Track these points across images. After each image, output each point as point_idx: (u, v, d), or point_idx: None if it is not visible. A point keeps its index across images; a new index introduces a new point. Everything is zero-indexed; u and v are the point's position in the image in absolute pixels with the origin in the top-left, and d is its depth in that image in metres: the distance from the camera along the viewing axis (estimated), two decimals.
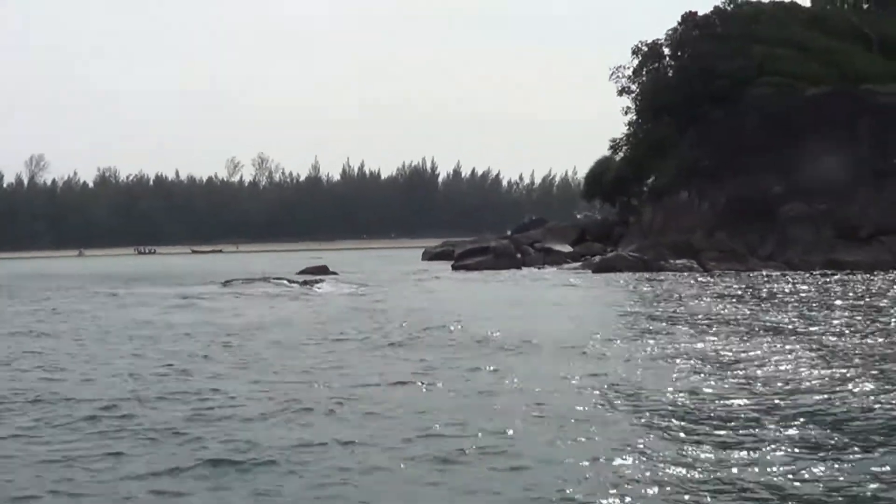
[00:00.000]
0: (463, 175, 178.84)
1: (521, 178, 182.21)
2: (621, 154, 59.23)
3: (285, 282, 31.73)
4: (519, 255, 49.44)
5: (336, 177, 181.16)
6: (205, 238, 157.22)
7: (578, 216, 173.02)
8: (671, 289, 28.66)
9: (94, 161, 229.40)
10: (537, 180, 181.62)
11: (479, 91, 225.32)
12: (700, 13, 56.13)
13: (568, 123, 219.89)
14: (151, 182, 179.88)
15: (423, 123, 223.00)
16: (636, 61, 58.71)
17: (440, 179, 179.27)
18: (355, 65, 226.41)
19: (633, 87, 58.77)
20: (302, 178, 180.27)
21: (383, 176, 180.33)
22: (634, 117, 58.97)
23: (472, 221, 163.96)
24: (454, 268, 47.28)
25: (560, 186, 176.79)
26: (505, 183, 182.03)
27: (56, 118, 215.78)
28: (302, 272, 43.70)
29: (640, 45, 58.10)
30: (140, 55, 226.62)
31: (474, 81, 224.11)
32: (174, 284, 36.76)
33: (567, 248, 52.81)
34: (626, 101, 59.52)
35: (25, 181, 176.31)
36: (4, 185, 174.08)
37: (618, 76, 58.64)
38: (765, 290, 27.49)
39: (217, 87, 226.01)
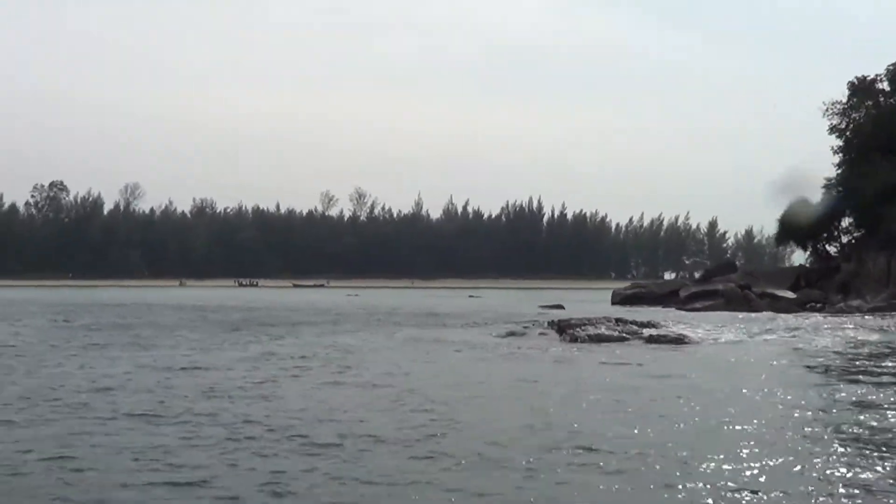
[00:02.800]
0: (568, 216, 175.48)
1: (630, 220, 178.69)
2: (833, 194, 55.11)
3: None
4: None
5: (438, 214, 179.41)
6: (301, 272, 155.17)
7: (687, 262, 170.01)
8: None
9: (188, 192, 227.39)
10: (645, 223, 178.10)
11: (588, 130, 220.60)
12: None
13: (682, 171, 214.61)
14: (250, 214, 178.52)
15: (530, 161, 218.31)
16: (847, 98, 54.89)
17: (545, 220, 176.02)
18: (460, 102, 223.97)
19: (844, 125, 54.87)
20: (403, 214, 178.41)
21: (485, 215, 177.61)
22: (843, 157, 55.00)
23: (577, 264, 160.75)
24: (680, 311, 43.84)
25: (668, 231, 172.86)
26: (613, 226, 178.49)
27: (151, 148, 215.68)
28: (545, 307, 40.99)
29: (855, 81, 54.35)
30: (230, 87, 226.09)
31: (581, 123, 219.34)
32: (466, 326, 32.17)
33: (788, 294, 48.98)
34: (835, 139, 55.58)
35: (122, 209, 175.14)
36: (105, 213, 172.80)
37: (831, 112, 54.75)
38: None
39: (317, 122, 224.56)
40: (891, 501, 7.58)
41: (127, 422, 11.17)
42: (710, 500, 7.53)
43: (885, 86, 53.85)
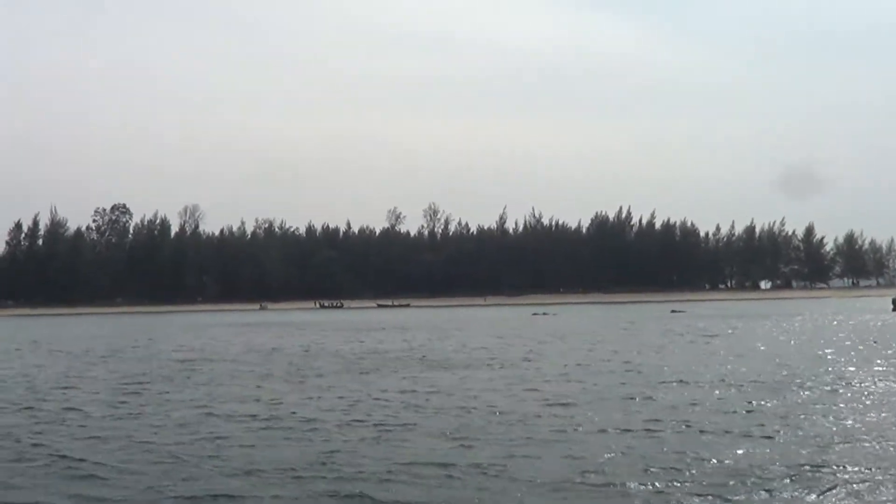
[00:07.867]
0: (656, 226, 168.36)
1: (717, 228, 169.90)
2: None
3: None
4: None
5: (518, 227, 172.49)
6: (382, 292, 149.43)
7: (784, 269, 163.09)
8: None
9: (249, 213, 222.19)
10: (738, 231, 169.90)
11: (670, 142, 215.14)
12: None
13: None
14: (318, 233, 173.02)
15: (615, 172, 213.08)
16: None
17: (633, 231, 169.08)
18: (543, 113, 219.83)
19: None
20: (485, 228, 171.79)
21: (571, 227, 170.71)
22: None
23: (666, 275, 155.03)
24: None
25: (762, 239, 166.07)
26: (702, 234, 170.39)
27: (207, 170, 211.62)
28: None
29: None
30: (276, 112, 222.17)
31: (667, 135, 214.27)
32: None
33: None
34: None
35: (189, 231, 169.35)
36: (171, 236, 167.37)
37: None
38: None
39: (384, 137, 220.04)
40: None
41: None
42: None
43: None
